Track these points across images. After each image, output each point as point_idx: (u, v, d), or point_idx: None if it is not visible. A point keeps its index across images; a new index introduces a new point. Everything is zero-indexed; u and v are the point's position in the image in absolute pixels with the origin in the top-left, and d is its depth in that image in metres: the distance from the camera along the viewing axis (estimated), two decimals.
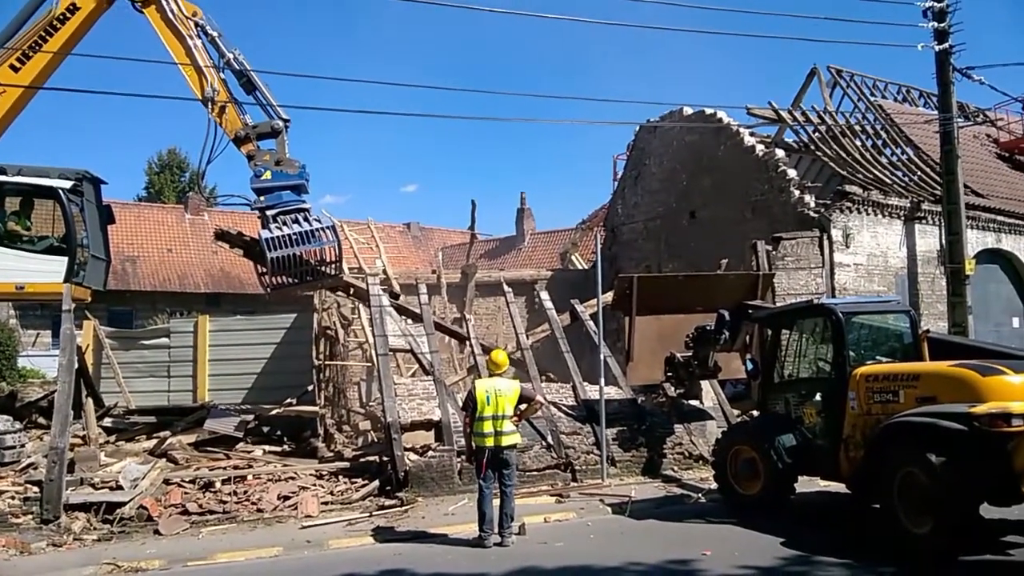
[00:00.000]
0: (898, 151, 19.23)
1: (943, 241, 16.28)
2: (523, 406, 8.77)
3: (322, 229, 11.49)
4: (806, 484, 9.75)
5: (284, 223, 11.27)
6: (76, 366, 11.77)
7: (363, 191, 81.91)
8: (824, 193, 16.53)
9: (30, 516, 9.27)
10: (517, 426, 8.75)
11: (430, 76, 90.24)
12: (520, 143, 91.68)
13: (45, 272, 12.46)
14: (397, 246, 32.03)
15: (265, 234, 11.12)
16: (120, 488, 10.36)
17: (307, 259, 11.64)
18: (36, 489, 9.60)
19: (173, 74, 11.74)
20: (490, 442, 8.41)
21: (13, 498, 9.69)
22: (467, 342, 14.80)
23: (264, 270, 11.72)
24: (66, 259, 12.65)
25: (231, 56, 11.73)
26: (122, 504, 9.78)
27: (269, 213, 11.26)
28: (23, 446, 12.26)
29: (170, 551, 8.65)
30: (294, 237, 11.17)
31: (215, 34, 11.85)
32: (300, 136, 76.98)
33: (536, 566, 7.49)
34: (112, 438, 14.33)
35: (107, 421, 15.00)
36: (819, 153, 17.51)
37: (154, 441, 13.60)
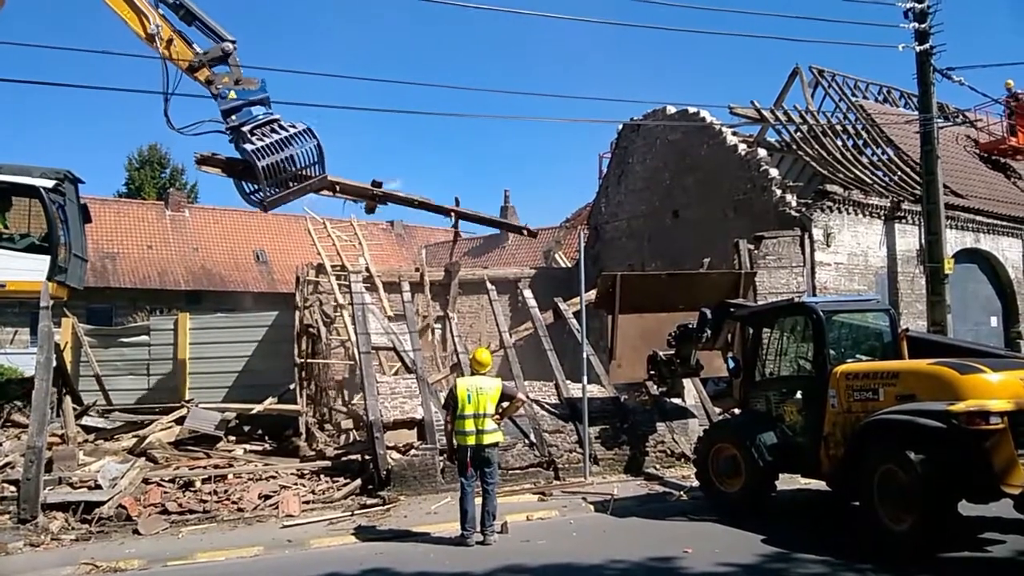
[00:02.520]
0: (879, 151, 19.37)
1: (923, 241, 16.44)
2: (505, 404, 8.76)
3: (300, 132, 11.84)
4: (787, 482, 9.81)
5: (263, 135, 11.59)
6: (54, 364, 11.65)
7: None
8: (806, 192, 16.63)
9: (7, 516, 9.16)
10: (499, 424, 8.74)
11: (415, 72, 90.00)
12: (505, 140, 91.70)
13: (26, 270, 12.40)
14: (380, 244, 31.89)
15: (249, 147, 11.40)
16: (99, 487, 10.25)
17: (295, 162, 11.94)
18: (13, 488, 9.50)
19: (151, 67, 11.67)
20: (472, 440, 8.39)
21: None
22: (449, 337, 14.60)
23: (253, 188, 12.02)
24: (48, 257, 12.56)
25: None
26: (101, 503, 9.69)
27: (245, 129, 11.53)
28: (0, 445, 12.14)
29: (149, 551, 8.57)
30: (278, 143, 11.56)
31: None
32: None
33: (518, 564, 7.48)
34: (91, 437, 14.16)
35: (86, 419, 14.85)
36: (801, 152, 17.62)
37: (134, 440, 13.47)
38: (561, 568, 7.41)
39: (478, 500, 8.50)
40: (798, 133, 17.90)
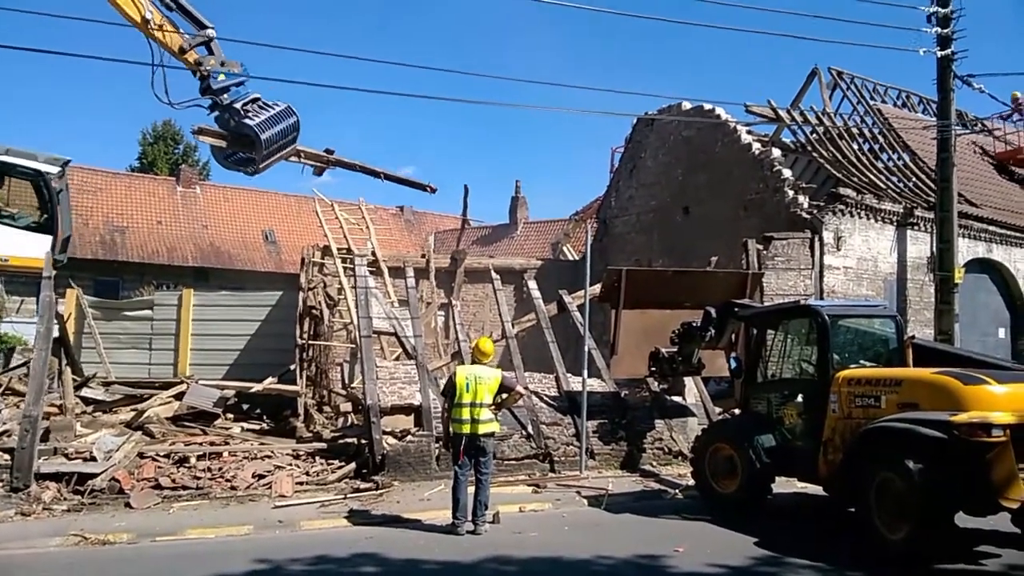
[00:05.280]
0: (894, 156, 19.17)
1: (934, 248, 16.25)
2: (503, 396, 8.70)
3: (283, 110, 13.13)
4: (784, 485, 9.74)
5: (256, 112, 12.67)
6: (55, 334, 11.72)
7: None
8: (818, 195, 16.47)
9: (0, 484, 9.15)
10: (496, 415, 8.68)
11: (429, 58, 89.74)
12: (519, 130, 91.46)
13: (27, 246, 12.78)
14: (389, 228, 31.80)
15: (250, 121, 12.49)
16: (93, 460, 10.26)
17: (284, 135, 13.17)
18: (7, 457, 9.49)
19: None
20: (467, 429, 8.34)
21: None
22: (452, 324, 14.93)
23: (232, 153, 13.20)
24: (48, 237, 12.99)
25: None
26: (94, 476, 9.67)
27: (237, 106, 12.51)
28: None
29: (140, 525, 8.55)
30: (273, 118, 12.80)
31: None
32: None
33: (507, 555, 7.44)
34: (90, 408, 14.19)
35: (86, 391, 14.88)
36: (815, 154, 17.45)
37: (132, 414, 13.48)
38: (549, 561, 7.35)
39: (471, 489, 8.45)
40: (814, 135, 17.72)
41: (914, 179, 18.40)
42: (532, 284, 15.29)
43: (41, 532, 8.22)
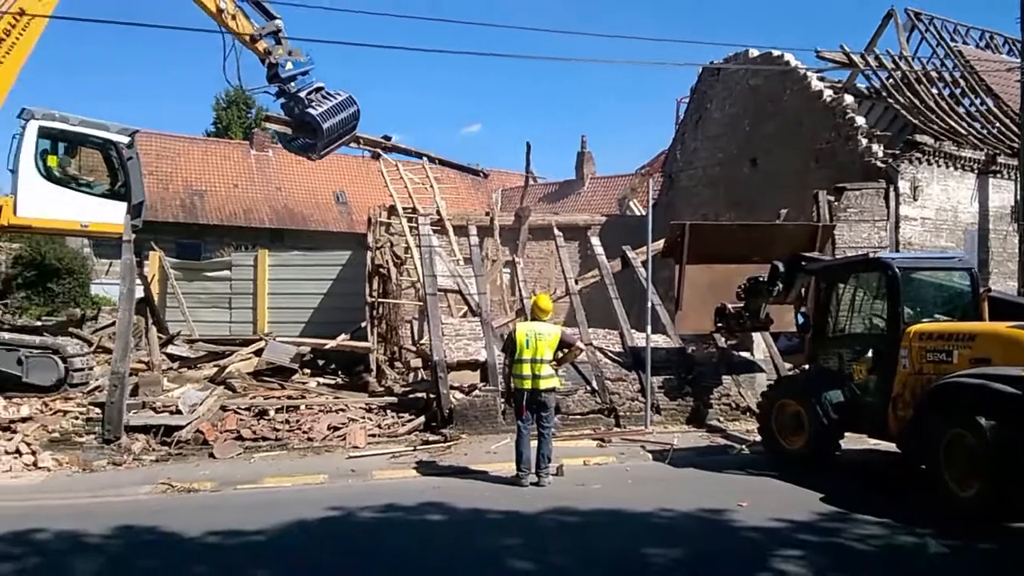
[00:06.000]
0: (977, 101, 18.15)
1: (1018, 197, 15.47)
2: (563, 351, 8.78)
3: (345, 99, 13.81)
4: (855, 441, 9.61)
5: (320, 101, 13.42)
6: (140, 295, 12.35)
7: (427, 131, 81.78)
8: (894, 143, 15.77)
9: (93, 436, 9.77)
10: (556, 371, 8.79)
11: (493, 14, 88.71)
12: (584, 85, 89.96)
13: (104, 212, 13.40)
14: (456, 187, 31.96)
15: (313, 111, 13.24)
16: (179, 412, 10.85)
17: (345, 124, 13.97)
18: (98, 410, 10.10)
19: None
20: (528, 384, 8.48)
21: (77, 418, 10.26)
22: (516, 281, 15.30)
23: (293, 138, 14.07)
24: (122, 203, 13.55)
25: None
26: (180, 428, 10.25)
27: (302, 95, 13.30)
28: (91, 369, 12.93)
29: (222, 474, 9.05)
30: (335, 107, 13.53)
31: None
32: (362, 74, 76.94)
33: (569, 506, 7.58)
34: (175, 365, 14.95)
35: (171, 348, 15.65)
36: (891, 100, 16.66)
37: (214, 369, 14.15)
38: (610, 513, 7.46)
39: (534, 443, 8.61)
40: (890, 80, 16.91)
41: (998, 125, 17.43)
42: (595, 240, 15.25)
43: (132, 481, 8.80)
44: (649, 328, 12.04)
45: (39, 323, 17.47)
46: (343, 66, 64.90)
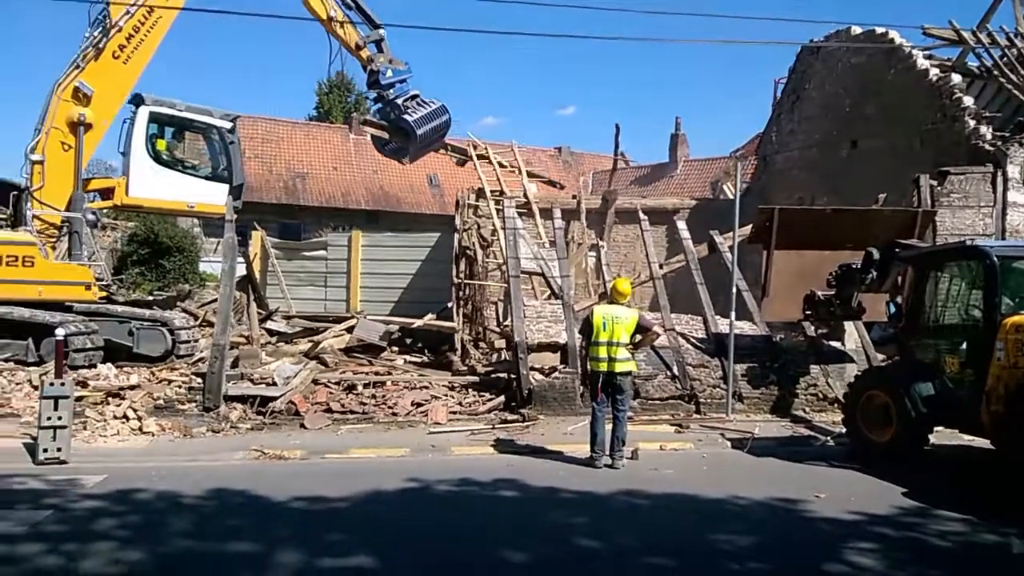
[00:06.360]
0: None
1: None
2: (640, 335, 8.79)
3: (438, 108, 14.64)
4: (948, 437, 9.24)
5: (414, 108, 14.25)
6: (240, 273, 13.08)
7: (520, 114, 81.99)
8: (1005, 125, 14.82)
9: (194, 404, 10.44)
10: (633, 354, 8.81)
11: None
12: (680, 66, 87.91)
13: (208, 194, 14.28)
14: (547, 169, 32.05)
15: (408, 118, 14.12)
16: (274, 384, 11.44)
17: (437, 131, 14.82)
18: (200, 380, 10.77)
19: None
20: (604, 367, 8.55)
21: (180, 387, 10.96)
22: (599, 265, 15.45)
23: (387, 142, 15.01)
24: (224, 185, 14.42)
25: None
26: (274, 399, 10.81)
27: (399, 102, 14.16)
28: (196, 341, 13.78)
29: (311, 443, 9.53)
30: (428, 115, 14.39)
31: None
32: (457, 53, 77.61)
33: (640, 490, 7.64)
34: (274, 339, 15.74)
35: (270, 323, 16.47)
36: (1003, 80, 15.62)
37: (309, 344, 14.81)
38: (681, 498, 7.48)
39: (609, 426, 8.69)
40: (1003, 58, 15.82)
41: None
42: (682, 224, 15.04)
43: (228, 447, 9.36)
44: (733, 314, 11.86)
45: (150, 297, 18.64)
46: (439, 45, 65.73)
